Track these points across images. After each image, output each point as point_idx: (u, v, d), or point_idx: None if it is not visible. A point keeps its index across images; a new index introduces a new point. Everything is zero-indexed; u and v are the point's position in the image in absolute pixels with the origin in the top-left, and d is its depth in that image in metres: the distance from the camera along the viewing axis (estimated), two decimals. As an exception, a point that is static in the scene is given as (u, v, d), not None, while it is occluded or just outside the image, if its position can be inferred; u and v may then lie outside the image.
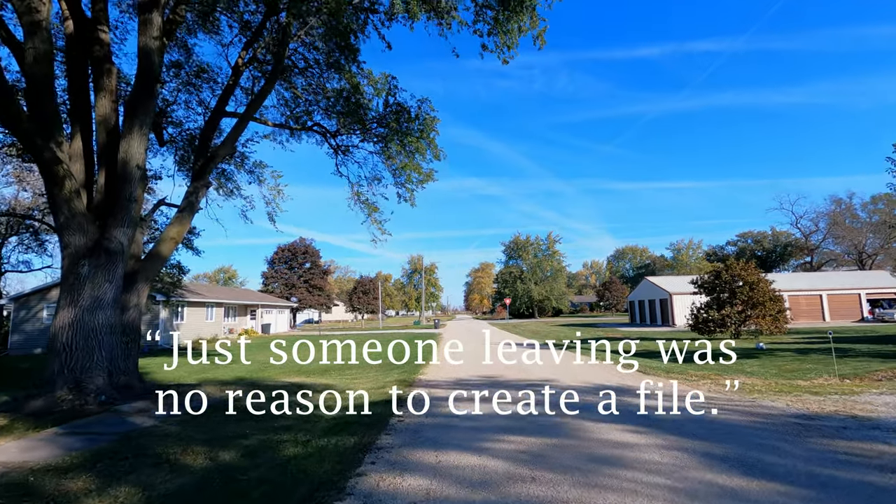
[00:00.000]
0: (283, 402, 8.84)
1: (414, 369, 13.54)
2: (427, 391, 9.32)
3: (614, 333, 32.00)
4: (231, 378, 15.22)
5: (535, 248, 78.39)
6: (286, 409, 8.35)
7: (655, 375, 10.34)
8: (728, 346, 18.37)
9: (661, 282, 41.19)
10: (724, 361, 13.92)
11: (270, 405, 8.56)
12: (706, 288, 24.76)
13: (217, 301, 32.42)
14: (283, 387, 10.98)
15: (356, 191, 14.66)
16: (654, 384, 9.09)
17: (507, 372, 11.73)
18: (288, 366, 17.62)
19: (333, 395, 9.46)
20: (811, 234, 75.80)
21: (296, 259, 52.96)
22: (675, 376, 10.12)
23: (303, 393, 9.81)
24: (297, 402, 8.77)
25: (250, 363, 18.76)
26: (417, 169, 14.72)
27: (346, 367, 16.53)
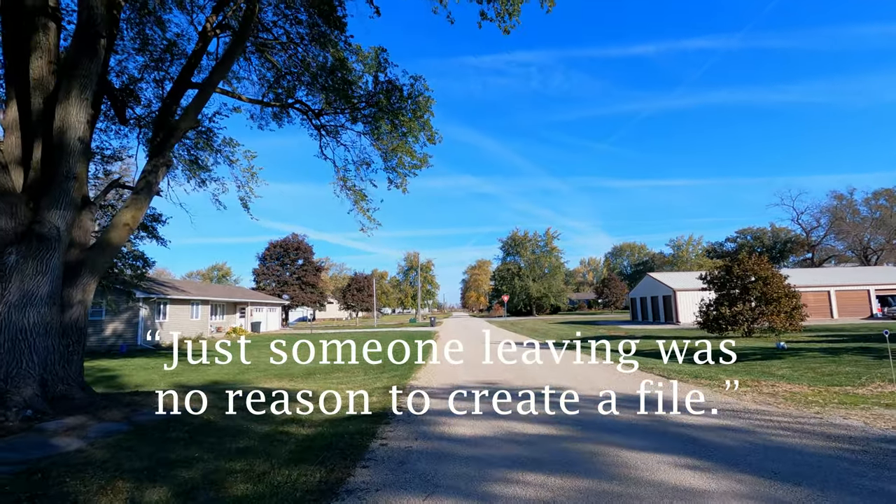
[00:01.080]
0: (251, 413, 7.51)
1: (407, 372, 12.22)
2: (419, 401, 8.01)
3: (617, 332, 30.78)
4: (205, 382, 13.90)
5: (534, 245, 77.10)
6: (252, 422, 7.02)
7: (681, 381, 9.04)
8: (729, 346, 17.16)
9: (664, 278, 40.00)
10: (743, 361, 12.67)
11: (236, 418, 7.22)
12: (716, 284, 23.55)
13: (203, 298, 30.99)
14: (257, 394, 9.62)
15: (342, 175, 13.29)
16: (685, 392, 7.82)
17: (509, 376, 10.42)
18: (271, 368, 16.28)
19: (312, 405, 8.14)
20: (812, 230, 75.03)
21: (288, 255, 51.48)
22: (704, 382, 8.84)
23: (278, 403, 8.47)
24: (268, 416, 7.44)
25: (231, 365, 17.40)
26: (410, 152, 13.37)
27: (334, 368, 15.23)
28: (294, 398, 9.05)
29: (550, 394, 7.91)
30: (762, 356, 14.40)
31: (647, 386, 8.41)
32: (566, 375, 9.89)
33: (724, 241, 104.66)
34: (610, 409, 6.66)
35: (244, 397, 9.09)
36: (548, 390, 8.22)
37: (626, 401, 7.20)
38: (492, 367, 12.30)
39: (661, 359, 14.07)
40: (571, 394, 7.82)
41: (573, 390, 8.18)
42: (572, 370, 10.89)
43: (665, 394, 7.71)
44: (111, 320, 24.99)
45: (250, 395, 9.38)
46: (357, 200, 13.28)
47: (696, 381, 8.86)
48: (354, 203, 13.09)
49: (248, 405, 8.19)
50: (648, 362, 12.27)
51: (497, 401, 7.48)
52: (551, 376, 9.79)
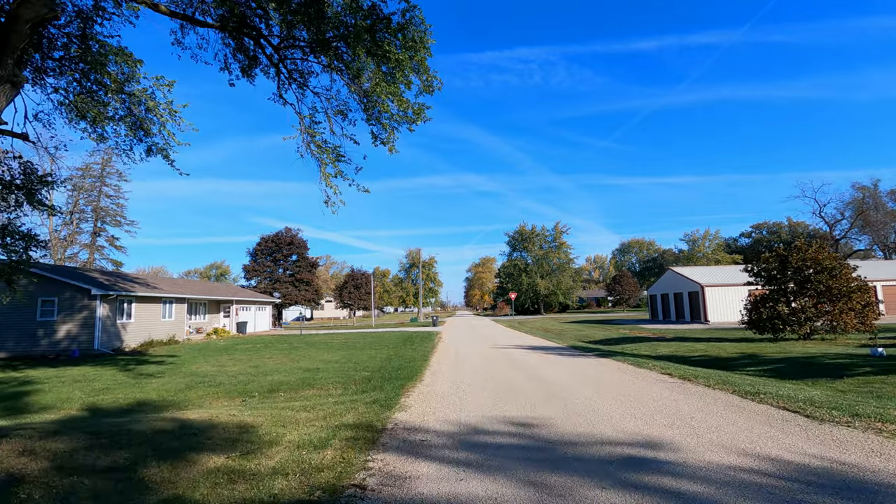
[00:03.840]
0: (116, 483, 4.15)
1: (396, 393, 8.82)
2: (403, 467, 4.62)
3: (642, 332, 27.29)
4: (130, 403, 10.64)
5: (541, 239, 73.41)
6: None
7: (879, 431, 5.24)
8: (807, 354, 13.67)
9: (690, 273, 36.42)
10: (854, 377, 9.17)
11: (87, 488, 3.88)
12: (765, 276, 20.05)
13: (177, 296, 27.70)
14: (169, 432, 6.32)
15: (308, 127, 9.89)
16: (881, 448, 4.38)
17: (546, 407, 6.99)
18: (230, 381, 12.97)
19: (232, 463, 4.76)
20: (836, 224, 71.07)
21: (280, 251, 48.09)
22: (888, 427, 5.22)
23: (187, 456, 5.12)
24: (142, 483, 4.05)
25: (184, 377, 14.08)
26: (398, 98, 9.93)
27: (306, 382, 11.94)
28: (217, 446, 5.68)
29: (643, 458, 4.40)
30: (857, 364, 10.92)
31: (808, 434, 4.83)
32: (637, 408, 6.38)
33: (739, 237, 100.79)
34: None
35: (142, 440, 5.73)
36: (634, 450, 4.67)
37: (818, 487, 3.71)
38: (515, 388, 8.86)
39: (743, 375, 10.58)
40: (685, 464, 4.26)
41: (682, 452, 4.53)
42: (638, 396, 7.44)
43: (851, 456, 4.25)
44: (64, 321, 21.73)
45: (157, 434, 6.03)
46: (326, 162, 9.88)
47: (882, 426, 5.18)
48: (324, 165, 9.67)
49: (122, 459, 4.83)
50: (735, 382, 8.79)
51: (547, 477, 4.05)
52: (614, 410, 6.28)
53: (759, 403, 6.40)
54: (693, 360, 14.49)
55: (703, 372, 9.76)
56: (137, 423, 7.42)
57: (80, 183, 46.51)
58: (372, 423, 6.39)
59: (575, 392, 7.83)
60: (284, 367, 15.17)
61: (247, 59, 11.22)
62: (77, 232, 47.39)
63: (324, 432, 6.31)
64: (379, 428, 6.14)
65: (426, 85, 10.51)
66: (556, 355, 14.69)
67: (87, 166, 46.97)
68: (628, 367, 10.91)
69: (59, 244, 44.31)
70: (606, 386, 8.39)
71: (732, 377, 9.11)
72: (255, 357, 18.70)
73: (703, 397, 6.98)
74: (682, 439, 4.85)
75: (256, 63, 11.10)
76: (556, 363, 12.54)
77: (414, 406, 7.48)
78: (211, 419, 7.72)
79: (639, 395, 7.38)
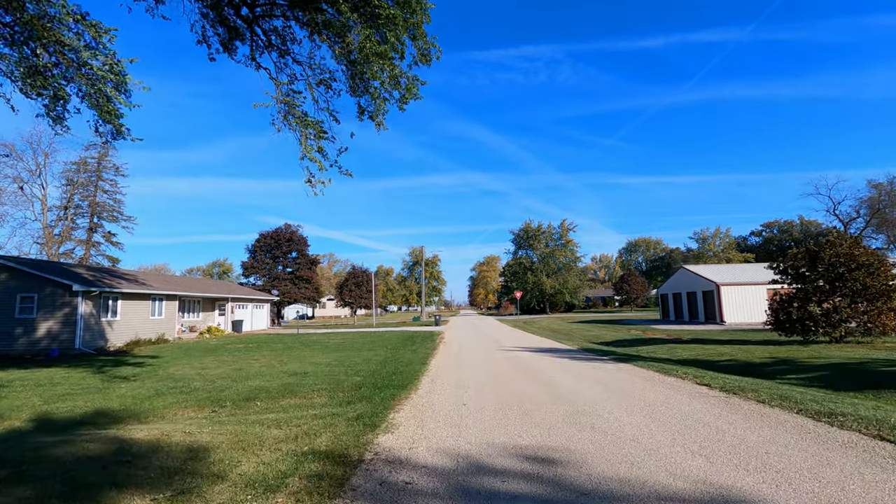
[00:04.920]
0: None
1: (385, 407, 7.47)
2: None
3: (656, 333, 25.80)
4: (86, 412, 9.37)
5: (547, 237, 71.74)
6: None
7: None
8: (856, 359, 12.18)
9: (704, 271, 34.83)
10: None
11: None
12: (793, 274, 18.52)
13: (168, 293, 26.48)
14: (96, 459, 5.06)
15: (286, 95, 8.53)
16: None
17: (567, 430, 5.59)
18: (206, 386, 11.67)
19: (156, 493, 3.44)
20: (851, 222, 69.01)
21: (280, 248, 46.85)
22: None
23: (102, 496, 3.82)
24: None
25: (158, 381, 12.81)
26: (390, 64, 8.58)
27: (289, 388, 10.62)
28: (143, 475, 4.36)
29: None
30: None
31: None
32: (688, 436, 4.92)
33: (749, 235, 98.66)
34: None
35: (49, 470, 4.41)
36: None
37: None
38: (526, 403, 7.48)
39: (791, 386, 9.14)
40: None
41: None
42: (681, 416, 6.01)
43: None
44: (45, 318, 20.54)
45: (80, 457, 4.73)
46: (311, 135, 8.52)
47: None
48: (305, 139, 8.30)
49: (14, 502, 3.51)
50: (793, 397, 7.36)
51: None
52: (659, 438, 4.83)
53: (842, 430, 4.99)
54: (720, 365, 13.05)
55: (745, 382, 8.32)
56: (67, 444, 6.12)
57: (75, 177, 45.51)
58: (347, 452, 5.03)
59: (601, 409, 6.42)
60: (270, 371, 13.86)
61: (227, 32, 9.91)
62: (73, 227, 46.40)
63: (286, 463, 4.96)
64: (354, 459, 4.78)
65: (423, 53, 9.17)
66: (569, 359, 13.28)
67: (83, 160, 45.97)
68: (654, 376, 9.49)
69: (52, 240, 43.30)
70: (636, 400, 6.98)
71: (783, 389, 7.67)
72: (243, 358, 17.42)
73: (765, 420, 5.56)
74: (774, 493, 3.44)
75: (237, 34, 9.79)
76: (570, 369, 11.14)
77: (403, 425, 6.12)
78: (158, 439, 6.42)
79: (681, 414, 5.98)
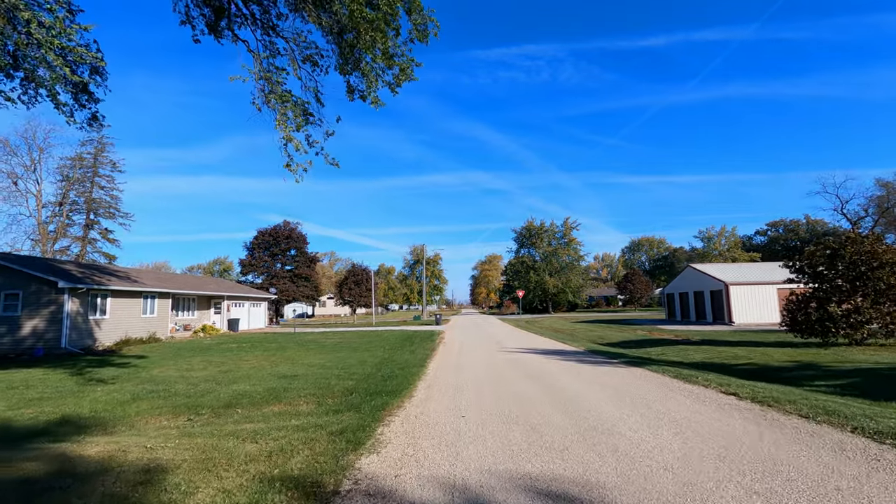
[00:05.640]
0: None
1: (371, 420, 6.66)
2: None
3: (664, 334, 24.93)
4: (49, 420, 8.58)
5: (550, 236, 70.75)
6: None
7: None
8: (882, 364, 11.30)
9: (712, 270, 33.90)
10: None
11: None
12: (810, 273, 17.63)
13: (160, 290, 25.72)
14: (29, 483, 4.29)
15: (265, 70, 7.70)
16: None
17: (596, 464, 4.77)
18: (187, 390, 10.86)
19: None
20: (859, 221, 67.82)
21: (278, 245, 46.06)
22: None
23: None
24: None
25: (138, 383, 12.01)
26: (382, 37, 7.76)
27: (275, 393, 9.83)
28: (92, 494, 3.57)
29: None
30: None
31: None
32: (734, 467, 4.04)
33: (754, 235, 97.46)
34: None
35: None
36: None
37: None
38: (533, 415, 6.65)
39: (828, 396, 8.28)
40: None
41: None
42: (717, 436, 5.16)
43: None
44: (30, 316, 19.80)
45: (10, 480, 3.92)
46: (292, 116, 7.68)
47: None
48: (281, 117, 7.45)
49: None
50: (839, 411, 6.49)
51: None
52: (700, 468, 3.95)
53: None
54: (738, 369, 12.21)
55: (776, 391, 7.47)
56: (2, 464, 5.35)
57: (71, 173, 44.81)
58: (321, 480, 4.21)
59: (620, 425, 5.58)
60: (258, 373, 13.06)
61: (213, 13, 9.10)
62: (68, 224, 45.71)
63: (248, 492, 4.15)
64: (328, 491, 3.96)
65: (419, 29, 8.32)
66: (576, 362, 12.45)
67: (79, 155, 45.27)
68: (673, 382, 8.64)
69: (47, 237, 42.62)
70: (658, 413, 6.14)
71: (819, 399, 6.82)
72: (233, 359, 16.63)
73: (818, 441, 4.71)
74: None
75: (222, 14, 8.96)
76: (578, 374, 10.30)
77: (392, 443, 5.30)
78: (112, 457, 5.63)
79: (715, 433, 5.13)
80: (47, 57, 9.57)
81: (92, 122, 11.84)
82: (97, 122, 11.82)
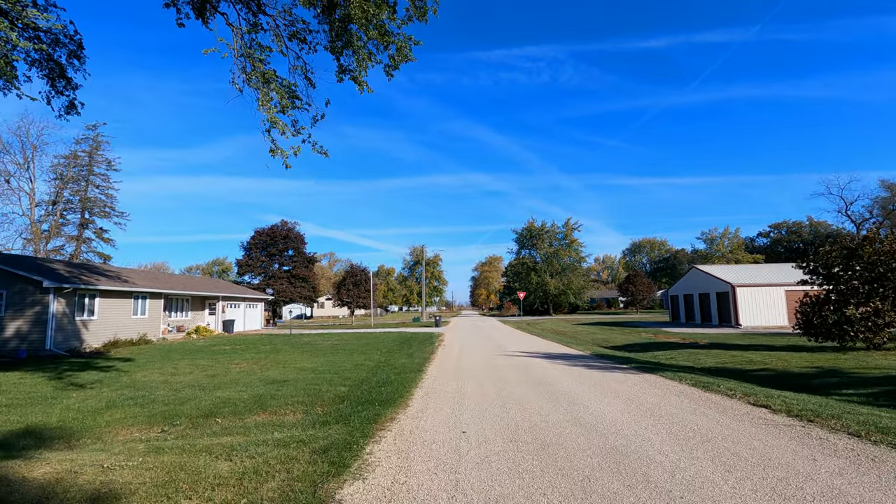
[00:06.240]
0: None
1: (361, 435, 5.94)
2: None
3: (670, 337, 24.19)
4: (12, 431, 7.84)
5: (551, 237, 69.97)
6: None
7: None
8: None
9: (718, 271, 33.17)
10: None
11: None
12: (824, 274, 16.90)
13: (152, 291, 24.98)
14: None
15: (246, 46, 6.97)
16: None
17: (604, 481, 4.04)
18: (166, 398, 10.11)
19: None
20: (863, 223, 67.05)
21: (275, 245, 45.32)
22: None
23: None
24: None
25: (117, 388, 11.28)
26: (377, 11, 7.07)
27: (258, 403, 9.09)
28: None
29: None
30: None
31: None
32: (777, 492, 3.29)
33: (756, 236, 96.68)
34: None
35: None
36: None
37: None
38: (543, 431, 5.91)
39: (870, 410, 7.54)
40: None
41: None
42: (771, 466, 4.41)
43: None
44: (14, 317, 19.06)
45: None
46: (275, 97, 6.95)
47: None
48: (262, 97, 6.71)
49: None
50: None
51: None
52: (749, 499, 3.32)
53: None
54: (756, 375, 11.48)
55: (811, 403, 6.73)
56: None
57: (65, 172, 44.11)
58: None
59: (646, 445, 4.83)
60: (247, 378, 12.31)
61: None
62: (63, 223, 44.99)
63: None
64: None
65: (417, 6, 7.62)
66: (584, 368, 11.72)
67: (74, 153, 44.57)
68: (693, 392, 7.91)
69: (40, 236, 41.89)
70: (686, 430, 5.40)
71: (863, 412, 6.08)
72: (223, 362, 15.89)
73: (884, 468, 3.98)
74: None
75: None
76: (589, 381, 9.57)
77: (382, 466, 4.57)
78: (59, 480, 4.90)
79: (758, 457, 4.38)
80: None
81: (70, 110, 11.15)
82: (75, 109, 11.14)
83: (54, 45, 10.39)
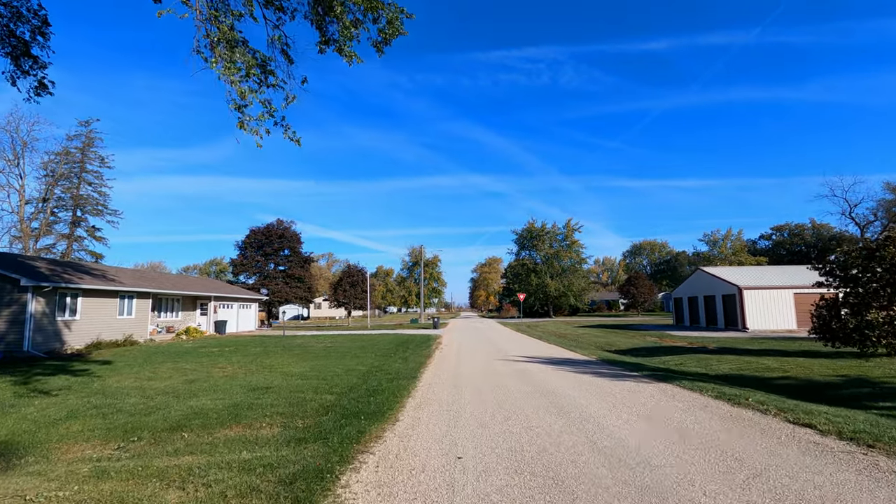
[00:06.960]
0: None
1: (339, 459, 5.06)
2: None
3: (676, 340, 23.29)
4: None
5: (552, 238, 69.06)
6: None
7: None
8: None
9: (724, 273, 32.29)
10: None
11: None
12: (841, 276, 16.03)
13: (139, 290, 24.06)
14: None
15: (212, 8, 6.08)
16: None
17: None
18: (133, 407, 9.21)
19: None
20: (868, 226, 66.28)
21: (271, 244, 44.40)
22: None
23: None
24: None
25: (85, 396, 10.37)
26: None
27: (234, 414, 8.21)
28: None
29: None
30: None
31: None
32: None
33: (758, 239, 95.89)
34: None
35: None
36: None
37: None
38: (553, 455, 5.03)
39: (888, 416, 6.66)
40: None
41: None
42: (813, 498, 3.59)
43: None
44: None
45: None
46: (241, 66, 6.06)
47: None
48: (227, 67, 5.82)
49: None
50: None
51: None
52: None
53: None
54: (777, 384, 10.60)
55: (859, 421, 5.85)
56: None
57: (57, 168, 43.20)
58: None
59: (686, 483, 3.92)
60: (228, 384, 11.41)
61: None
62: (54, 221, 44.06)
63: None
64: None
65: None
66: (592, 375, 10.83)
67: (66, 150, 43.66)
68: (718, 406, 7.02)
69: (30, 234, 40.96)
70: (728, 459, 4.52)
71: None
72: (207, 365, 14.98)
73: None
74: None
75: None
76: (599, 392, 8.69)
77: (359, 501, 3.68)
78: None
79: (822, 498, 3.53)
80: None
81: (41, 90, 10.27)
82: (46, 89, 10.26)
83: (16, 19, 9.54)
